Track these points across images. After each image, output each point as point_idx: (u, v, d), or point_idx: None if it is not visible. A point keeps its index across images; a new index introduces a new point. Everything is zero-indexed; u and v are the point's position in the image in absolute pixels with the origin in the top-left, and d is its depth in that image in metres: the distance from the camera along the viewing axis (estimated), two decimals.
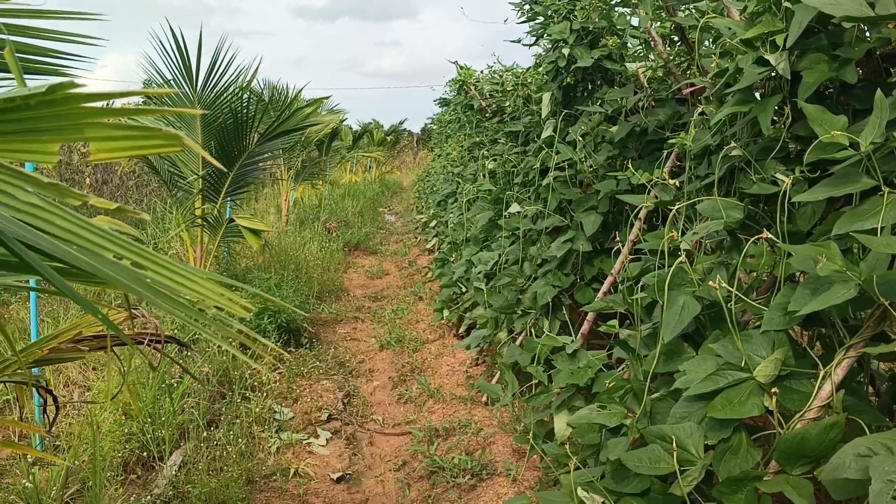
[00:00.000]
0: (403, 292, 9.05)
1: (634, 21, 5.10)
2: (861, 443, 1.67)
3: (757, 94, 2.87)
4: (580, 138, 4.82)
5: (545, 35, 5.61)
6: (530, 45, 6.34)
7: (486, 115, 9.11)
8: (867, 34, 2.39)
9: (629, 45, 5.16)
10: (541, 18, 5.60)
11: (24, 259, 0.88)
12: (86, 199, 0.77)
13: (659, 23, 4.35)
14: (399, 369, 6.07)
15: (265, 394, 5.15)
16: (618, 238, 4.13)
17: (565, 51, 4.96)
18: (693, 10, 3.72)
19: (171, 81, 5.90)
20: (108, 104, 0.82)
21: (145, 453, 3.99)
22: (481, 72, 9.75)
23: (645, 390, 2.57)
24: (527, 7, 5.73)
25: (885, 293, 1.81)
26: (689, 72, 4.20)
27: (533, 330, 4.76)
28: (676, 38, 4.57)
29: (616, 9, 4.93)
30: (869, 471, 1.57)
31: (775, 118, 2.74)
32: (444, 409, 5.07)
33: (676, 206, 2.79)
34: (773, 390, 1.98)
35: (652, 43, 4.29)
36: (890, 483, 1.52)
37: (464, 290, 6.70)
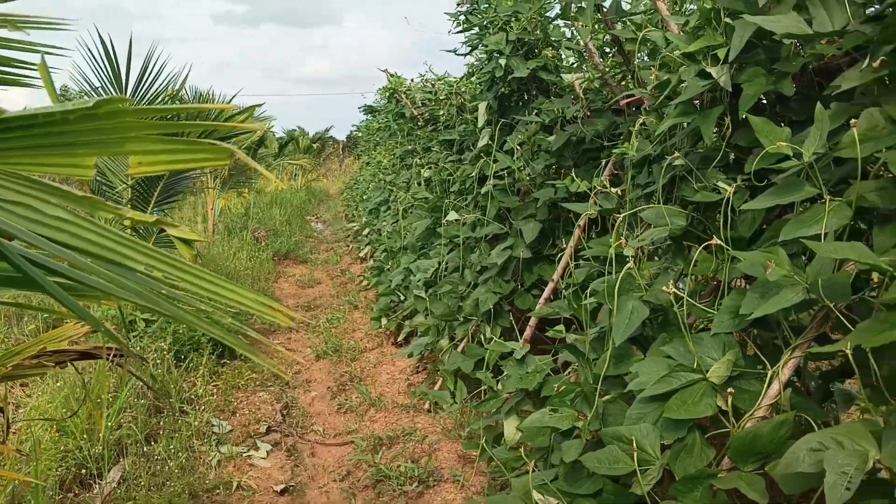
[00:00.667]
0: (337, 301, 8.99)
1: (570, 33, 5.22)
2: (813, 438, 1.75)
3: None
4: (518, 147, 4.89)
5: (481, 45, 5.69)
6: (465, 55, 6.41)
7: (419, 123, 9.15)
8: (802, 49, 2.51)
9: (563, 56, 5.28)
10: (476, 29, 5.68)
11: (29, 275, 0.86)
12: (121, 212, 0.76)
13: (591, 35, 4.44)
14: (337, 379, 6.03)
15: (202, 407, 5.05)
16: (564, 244, 4.20)
17: (502, 61, 5.04)
18: (630, 24, 3.84)
19: (100, 89, 5.73)
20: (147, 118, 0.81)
21: (83, 471, 3.86)
22: (412, 80, 9.79)
23: (596, 393, 2.64)
24: (462, 18, 5.79)
25: (829, 296, 1.91)
26: (623, 82, 4.33)
27: (475, 336, 4.80)
28: (609, 50, 4.70)
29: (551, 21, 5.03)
30: (823, 464, 1.65)
31: (715, 128, 2.85)
32: (387, 418, 5.07)
33: (623, 214, 2.87)
34: (728, 390, 2.06)
35: (587, 55, 4.39)
36: (843, 475, 1.60)
37: (402, 298, 6.69)
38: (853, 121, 1.95)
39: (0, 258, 0.85)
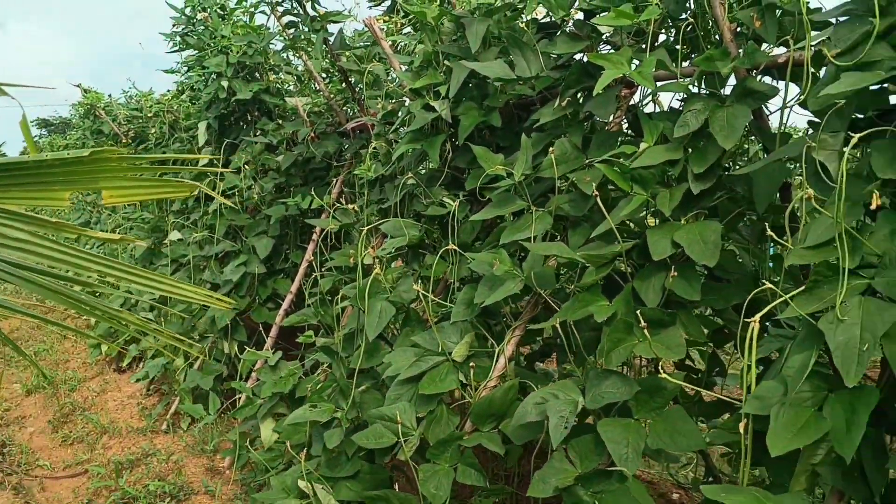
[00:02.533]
0: (40, 332, 8.35)
1: (288, 58, 5.53)
2: (536, 394, 2.26)
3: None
4: (245, 166, 5.08)
5: (198, 66, 5.78)
6: (184, 74, 6.43)
7: (122, 141, 8.84)
8: (504, 89, 3.07)
9: (283, 80, 5.58)
10: (193, 51, 5.76)
11: None
12: (82, 232, 0.94)
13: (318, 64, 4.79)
14: (57, 412, 5.70)
15: None
16: (296, 259, 4.47)
17: (224, 83, 5.18)
18: (353, 56, 4.25)
19: None
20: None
21: None
22: (109, 95, 9.47)
23: (353, 386, 2.98)
24: (178, 39, 5.83)
25: (540, 285, 2.45)
26: (346, 107, 4.74)
27: (211, 353, 4.90)
28: (326, 76, 5.09)
29: (272, 46, 5.28)
30: (546, 412, 2.16)
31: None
32: (123, 443, 4.95)
33: (365, 228, 3.26)
34: (471, 364, 2.53)
35: (313, 81, 4.74)
36: (562, 418, 2.12)
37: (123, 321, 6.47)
38: (552, 148, 2.52)
39: None
